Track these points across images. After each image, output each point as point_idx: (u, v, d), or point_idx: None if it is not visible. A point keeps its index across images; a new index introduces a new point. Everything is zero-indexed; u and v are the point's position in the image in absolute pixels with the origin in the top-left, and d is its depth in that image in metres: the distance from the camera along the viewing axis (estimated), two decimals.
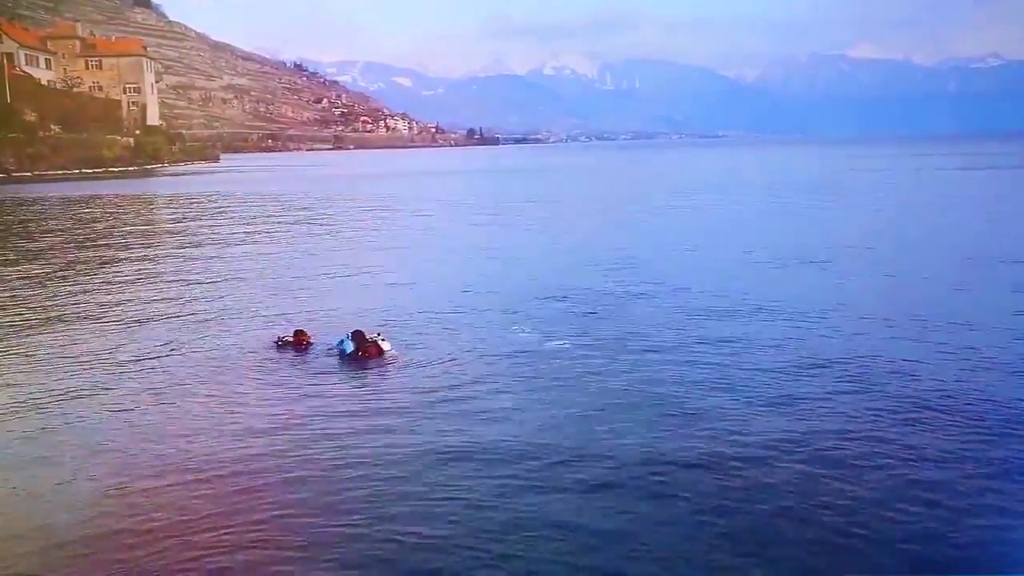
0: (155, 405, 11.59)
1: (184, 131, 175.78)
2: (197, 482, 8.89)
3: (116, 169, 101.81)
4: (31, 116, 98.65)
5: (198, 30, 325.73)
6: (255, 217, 42.20)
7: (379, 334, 13.84)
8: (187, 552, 7.36)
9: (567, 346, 14.27)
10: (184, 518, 8.01)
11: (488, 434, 10.15)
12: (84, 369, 13.48)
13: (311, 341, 14.41)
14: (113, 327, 16.58)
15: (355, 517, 7.99)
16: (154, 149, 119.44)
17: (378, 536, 7.63)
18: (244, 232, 34.64)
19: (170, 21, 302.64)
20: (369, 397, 11.84)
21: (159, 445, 10.02)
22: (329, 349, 14.07)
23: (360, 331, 13.85)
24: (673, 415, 10.79)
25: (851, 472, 8.94)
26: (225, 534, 7.67)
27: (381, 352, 13.52)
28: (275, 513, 8.11)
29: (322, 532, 7.73)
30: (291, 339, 14.41)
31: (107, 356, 14.28)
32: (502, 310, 17.33)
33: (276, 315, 17.35)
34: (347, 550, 7.41)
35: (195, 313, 17.86)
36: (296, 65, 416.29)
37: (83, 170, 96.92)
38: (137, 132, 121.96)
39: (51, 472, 9.26)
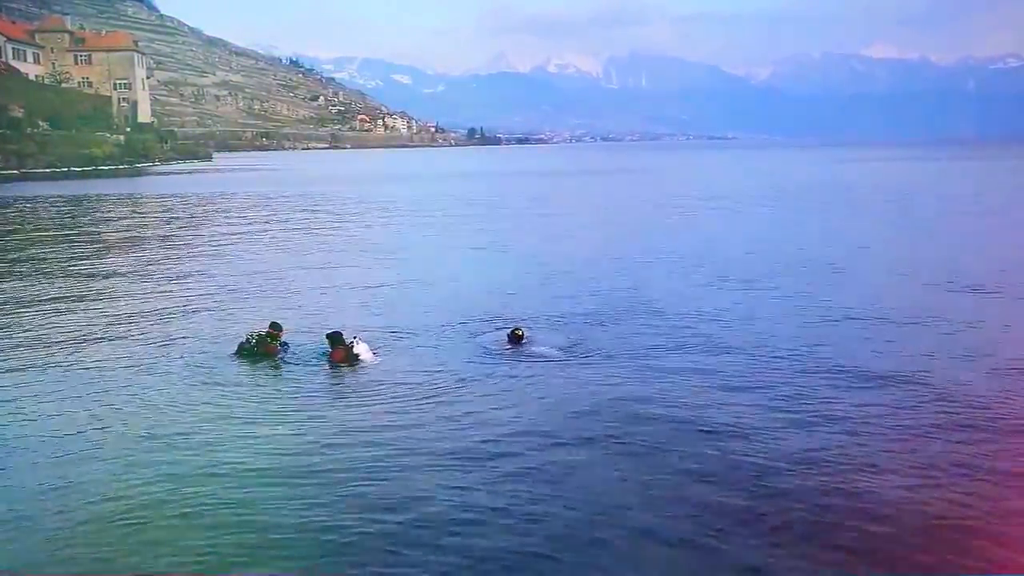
0: (107, 412, 11.37)
1: (176, 128, 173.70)
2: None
3: (106, 168, 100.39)
4: (18, 112, 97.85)
5: (191, 25, 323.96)
6: (244, 221, 40.71)
7: (356, 337, 13.44)
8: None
9: (555, 352, 14.00)
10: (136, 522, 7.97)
11: (450, 440, 10.03)
12: (61, 373, 13.28)
13: (281, 339, 13.95)
14: (79, 337, 15.89)
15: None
16: (145, 147, 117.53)
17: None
18: (231, 236, 33.56)
19: (162, 15, 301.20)
20: (327, 403, 11.69)
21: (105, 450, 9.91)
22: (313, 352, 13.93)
23: (338, 332, 13.59)
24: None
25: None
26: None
27: (350, 355, 13.17)
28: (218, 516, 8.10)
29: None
30: (263, 336, 13.83)
31: (72, 364, 13.88)
32: (494, 317, 16.95)
33: (257, 318, 16.59)
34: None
35: (168, 318, 17.41)
36: (292, 61, 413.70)
37: (72, 168, 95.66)
38: (128, 129, 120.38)
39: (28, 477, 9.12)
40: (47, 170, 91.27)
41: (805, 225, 36.38)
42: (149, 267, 24.92)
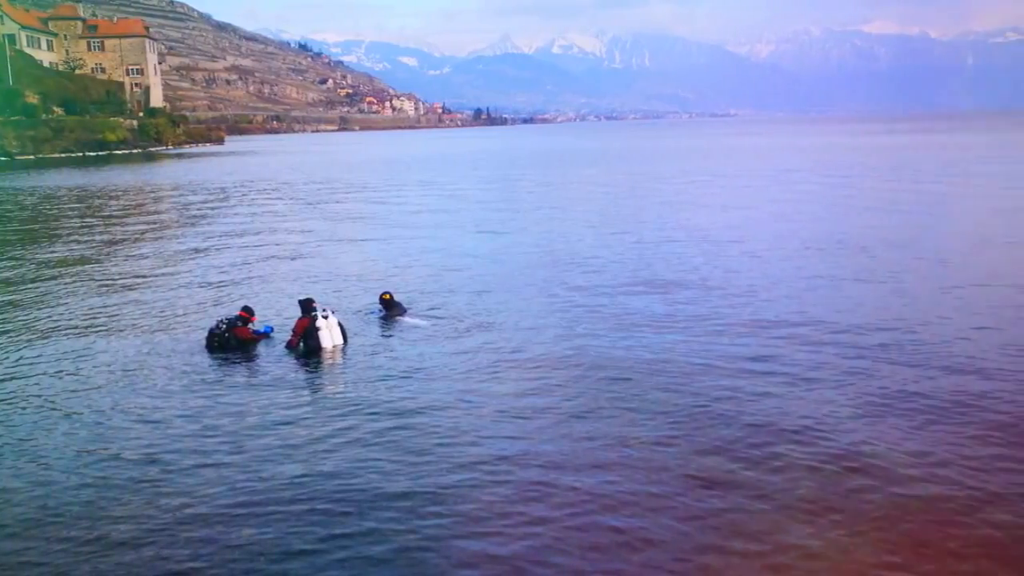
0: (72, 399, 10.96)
1: (188, 113, 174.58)
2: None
3: (120, 152, 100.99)
4: (33, 98, 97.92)
5: (201, 11, 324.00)
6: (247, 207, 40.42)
7: (325, 309, 13.04)
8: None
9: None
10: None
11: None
12: (28, 366, 12.52)
13: (254, 323, 13.47)
14: (61, 325, 15.19)
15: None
16: (158, 131, 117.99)
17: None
18: (236, 222, 32.24)
19: (173, 2, 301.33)
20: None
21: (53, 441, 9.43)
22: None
23: (309, 299, 13.46)
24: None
25: None
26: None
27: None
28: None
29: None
30: (234, 320, 13.26)
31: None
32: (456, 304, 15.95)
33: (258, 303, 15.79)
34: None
35: (151, 309, 16.41)
36: (300, 45, 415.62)
37: (86, 153, 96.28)
38: (141, 114, 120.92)
39: None
40: (62, 155, 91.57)
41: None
42: (144, 256, 23.32)
